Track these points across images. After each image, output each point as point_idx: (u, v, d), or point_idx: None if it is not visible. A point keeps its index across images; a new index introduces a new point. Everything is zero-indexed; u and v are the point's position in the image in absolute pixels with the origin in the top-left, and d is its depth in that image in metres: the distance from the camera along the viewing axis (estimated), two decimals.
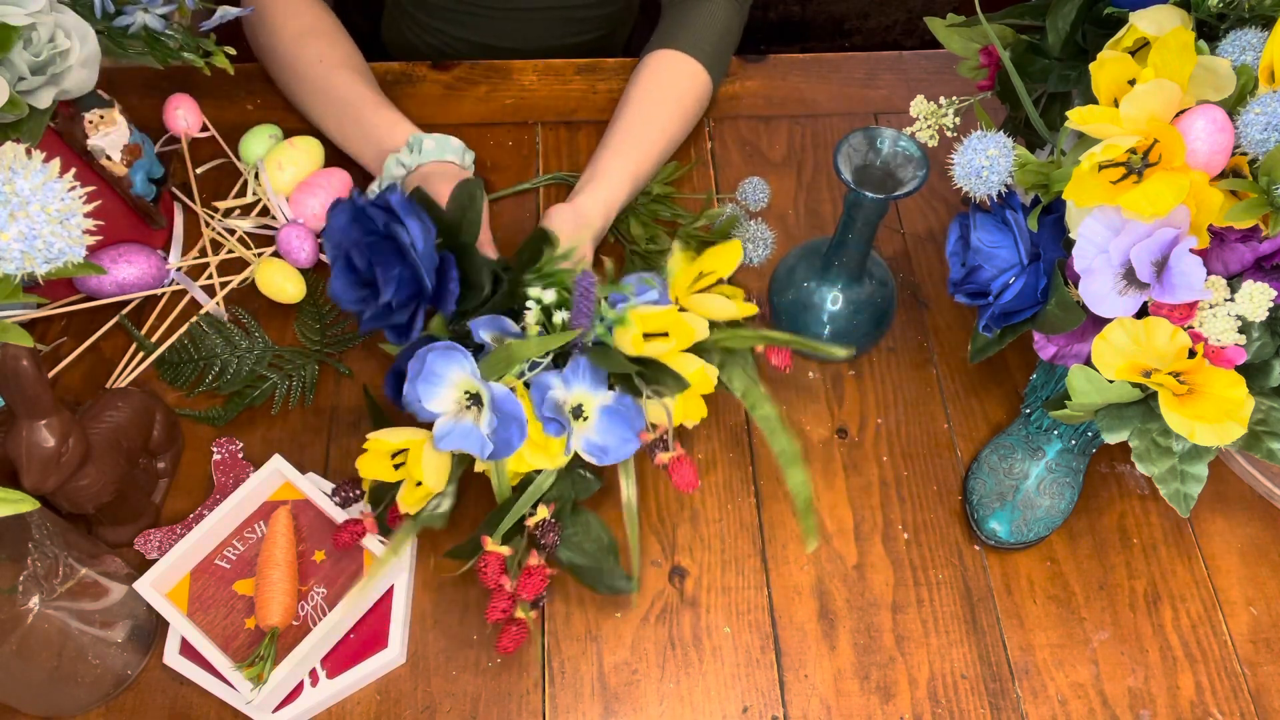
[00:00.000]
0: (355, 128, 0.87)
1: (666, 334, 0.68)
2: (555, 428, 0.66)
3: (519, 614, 0.66)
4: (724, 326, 0.72)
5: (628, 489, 0.70)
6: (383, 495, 0.71)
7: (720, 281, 0.74)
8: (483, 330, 0.68)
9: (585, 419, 0.68)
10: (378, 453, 0.67)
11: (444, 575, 0.74)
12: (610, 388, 0.69)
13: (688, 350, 0.70)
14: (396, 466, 0.68)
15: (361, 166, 0.89)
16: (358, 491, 0.70)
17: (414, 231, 0.66)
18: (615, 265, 0.81)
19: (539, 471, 0.69)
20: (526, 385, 0.67)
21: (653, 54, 0.93)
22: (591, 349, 0.68)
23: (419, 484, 0.67)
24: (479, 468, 0.70)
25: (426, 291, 0.67)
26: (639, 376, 0.68)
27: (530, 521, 0.67)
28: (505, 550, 0.67)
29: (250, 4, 0.89)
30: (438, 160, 0.83)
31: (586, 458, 0.68)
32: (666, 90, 0.91)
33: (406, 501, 0.67)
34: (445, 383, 0.64)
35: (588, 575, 0.69)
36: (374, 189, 0.85)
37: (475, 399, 0.65)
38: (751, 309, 0.73)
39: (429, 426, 0.67)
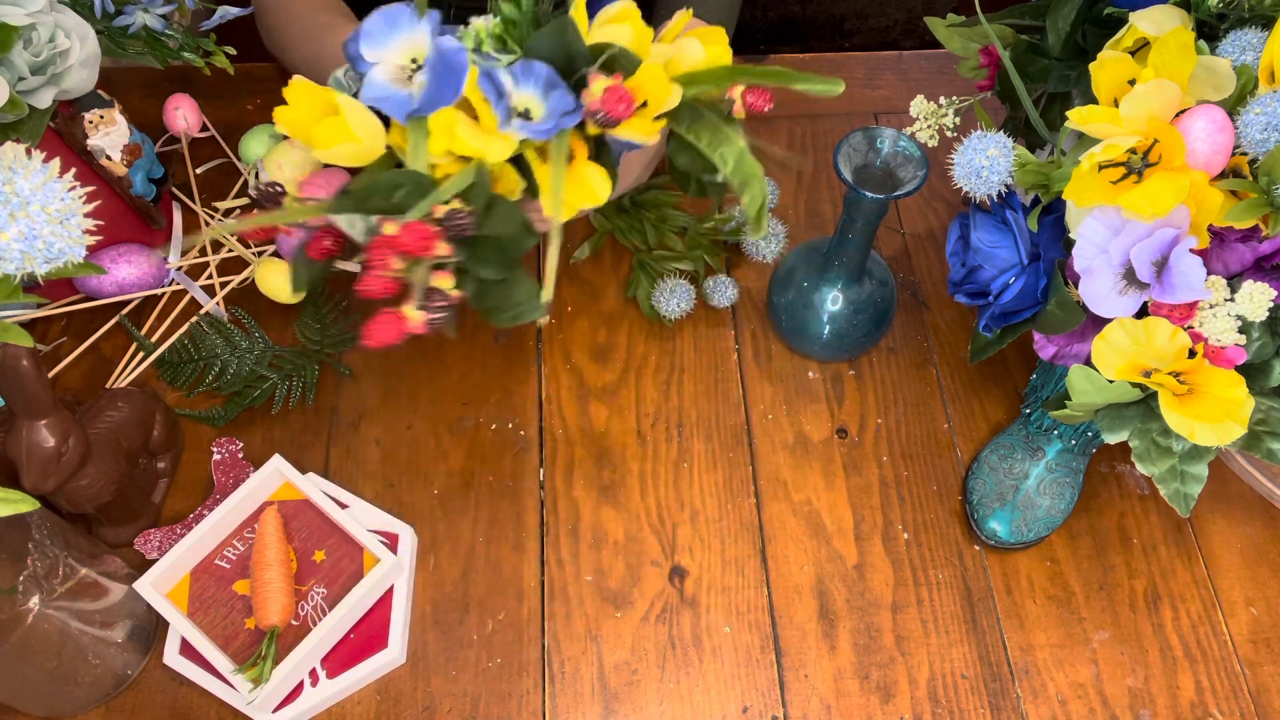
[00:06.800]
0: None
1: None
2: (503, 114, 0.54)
3: (408, 315, 0.52)
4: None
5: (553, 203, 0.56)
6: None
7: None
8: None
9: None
10: (298, 107, 0.57)
11: (437, 567, 0.74)
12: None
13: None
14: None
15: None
16: (278, 188, 0.58)
17: None
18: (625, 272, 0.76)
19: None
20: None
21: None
22: (545, 32, 0.55)
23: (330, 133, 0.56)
24: (389, 137, 0.58)
25: None
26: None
27: (438, 210, 0.54)
28: (402, 224, 0.52)
29: (250, 4, 0.89)
30: None
31: (520, 134, 0.55)
32: None
33: (319, 142, 0.56)
34: (396, 43, 0.55)
35: (492, 296, 0.57)
36: None
37: (419, 67, 0.54)
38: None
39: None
